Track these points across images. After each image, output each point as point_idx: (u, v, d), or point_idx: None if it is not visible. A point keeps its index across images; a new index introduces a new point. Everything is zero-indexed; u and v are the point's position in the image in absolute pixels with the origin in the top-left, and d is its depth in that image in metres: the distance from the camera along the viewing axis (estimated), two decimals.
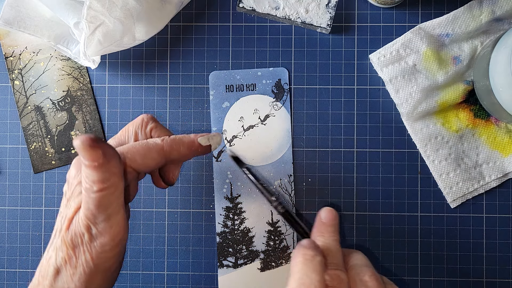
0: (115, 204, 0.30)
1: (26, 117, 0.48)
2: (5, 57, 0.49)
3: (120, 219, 0.31)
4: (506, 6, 0.45)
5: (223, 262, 0.47)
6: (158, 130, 0.36)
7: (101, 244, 0.30)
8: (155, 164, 0.33)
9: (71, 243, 0.30)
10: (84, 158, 0.29)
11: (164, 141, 0.33)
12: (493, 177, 0.46)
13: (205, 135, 0.35)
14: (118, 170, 0.30)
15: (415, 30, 0.46)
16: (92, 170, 0.29)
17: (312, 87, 0.48)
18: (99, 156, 0.28)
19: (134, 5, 0.42)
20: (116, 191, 0.30)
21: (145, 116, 0.36)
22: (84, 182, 0.29)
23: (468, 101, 0.47)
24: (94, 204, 0.29)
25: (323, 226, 0.35)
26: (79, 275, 0.30)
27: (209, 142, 0.35)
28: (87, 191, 0.29)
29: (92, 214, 0.30)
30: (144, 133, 0.35)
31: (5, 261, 0.48)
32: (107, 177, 0.29)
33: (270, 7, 0.47)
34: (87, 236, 0.30)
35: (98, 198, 0.29)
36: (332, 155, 0.47)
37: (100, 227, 0.30)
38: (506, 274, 0.46)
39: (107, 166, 0.29)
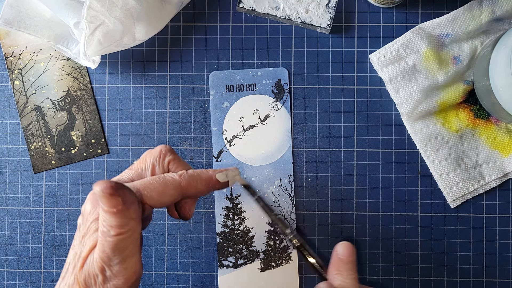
0: (131, 247, 0.30)
1: (26, 117, 0.48)
2: (5, 57, 0.49)
3: (135, 261, 0.31)
4: (506, 6, 0.45)
5: (223, 262, 0.47)
6: (176, 163, 0.35)
7: (115, 286, 0.30)
8: (171, 200, 0.33)
9: (84, 283, 0.30)
10: (103, 203, 0.29)
11: (181, 177, 0.33)
12: (493, 177, 0.46)
13: (223, 170, 0.35)
14: (136, 215, 0.30)
15: (415, 30, 0.46)
16: (111, 215, 0.29)
17: (312, 87, 0.48)
18: (118, 203, 0.28)
19: (134, 5, 0.42)
20: (133, 235, 0.30)
21: (163, 148, 0.35)
22: (101, 225, 0.29)
23: (468, 101, 0.47)
24: (110, 247, 0.29)
25: (340, 263, 0.34)
26: None
27: (227, 179, 0.35)
28: (104, 234, 0.29)
29: (107, 257, 0.29)
30: (161, 165, 0.35)
31: (5, 261, 0.48)
32: (125, 222, 0.29)
33: (270, 7, 0.47)
34: (101, 277, 0.30)
35: (115, 242, 0.29)
36: (332, 155, 0.47)
37: (114, 270, 0.30)
38: (506, 274, 0.46)
39: (126, 213, 0.29)
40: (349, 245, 0.34)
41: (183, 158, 0.48)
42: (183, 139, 0.48)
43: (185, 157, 0.48)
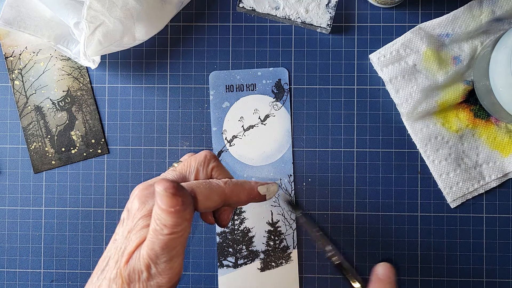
0: (179, 247, 0.30)
1: (26, 117, 0.48)
2: (5, 57, 0.49)
3: (180, 262, 0.31)
4: (506, 6, 0.45)
5: (223, 262, 0.47)
6: (219, 170, 0.36)
7: (158, 284, 0.30)
8: (214, 206, 0.33)
9: (127, 279, 0.30)
10: (162, 203, 0.29)
11: (226, 185, 0.34)
12: (493, 177, 0.46)
13: (265, 184, 0.36)
14: (190, 216, 0.30)
15: (415, 30, 0.46)
16: (167, 214, 0.29)
17: (312, 87, 0.48)
18: (178, 203, 0.29)
19: (134, 5, 0.42)
20: (184, 235, 0.30)
21: (208, 154, 0.36)
22: (154, 223, 0.30)
23: (468, 101, 0.47)
24: (160, 245, 0.29)
25: (380, 284, 0.34)
26: None
27: (267, 192, 0.36)
28: (156, 232, 0.30)
29: (155, 255, 0.30)
30: (205, 171, 0.35)
31: (5, 261, 0.48)
32: (180, 222, 0.30)
33: (270, 7, 0.47)
34: (146, 274, 0.30)
35: (166, 240, 0.29)
36: (332, 155, 0.47)
37: (160, 268, 0.30)
38: (506, 274, 0.46)
39: (182, 213, 0.29)
40: (390, 266, 0.35)
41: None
42: (183, 139, 0.48)
43: None
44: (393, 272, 0.35)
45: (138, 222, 0.31)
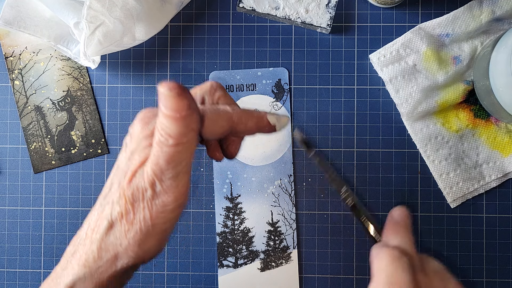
0: (185, 163, 0.28)
1: (26, 117, 0.48)
2: (5, 57, 0.49)
3: (186, 180, 0.29)
4: (506, 6, 0.45)
5: (223, 262, 0.47)
6: (226, 99, 0.34)
7: (163, 203, 0.28)
8: (221, 132, 0.31)
9: (131, 198, 0.29)
10: (167, 107, 0.27)
11: (234, 111, 0.32)
12: (493, 177, 0.46)
13: (275, 114, 0.34)
14: (196, 126, 0.28)
15: (415, 30, 0.46)
16: (172, 122, 0.27)
17: (312, 87, 0.48)
18: (184, 107, 0.27)
19: (134, 5, 0.42)
20: (190, 149, 0.28)
21: (214, 83, 0.34)
22: (159, 134, 0.28)
23: (468, 101, 0.47)
24: (165, 159, 0.28)
25: (397, 226, 0.34)
26: (135, 232, 0.29)
27: (276, 122, 0.34)
28: (160, 144, 0.28)
29: (160, 170, 0.28)
30: (211, 99, 0.33)
31: (5, 261, 0.48)
32: (185, 132, 0.27)
33: (270, 7, 0.47)
34: (150, 192, 0.28)
35: (171, 153, 0.28)
36: (332, 155, 0.47)
37: (165, 185, 0.28)
38: (506, 274, 0.46)
39: (188, 120, 0.27)
40: (405, 210, 0.34)
41: None
42: None
43: None
44: (408, 215, 0.34)
45: (141, 142, 0.30)
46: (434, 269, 0.32)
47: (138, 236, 0.29)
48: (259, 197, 0.47)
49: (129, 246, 0.29)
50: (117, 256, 0.29)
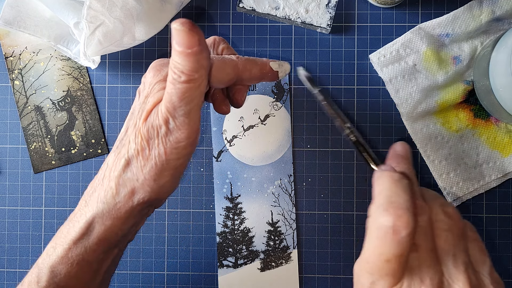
0: (196, 101, 0.30)
1: (26, 117, 0.48)
2: (5, 57, 0.49)
3: (198, 118, 0.30)
4: (506, 6, 0.45)
5: (223, 262, 0.47)
6: (229, 51, 0.36)
7: (176, 139, 0.30)
8: (228, 79, 0.33)
9: (146, 135, 0.30)
10: (179, 43, 0.28)
11: (239, 59, 0.33)
12: (493, 177, 0.46)
13: (276, 61, 0.36)
14: (207, 64, 0.30)
15: (415, 30, 0.46)
16: (184, 57, 0.28)
17: None
18: (195, 42, 0.28)
19: (134, 5, 0.42)
20: (201, 86, 0.30)
21: (216, 37, 0.36)
22: (172, 72, 0.29)
23: (468, 101, 0.47)
24: (178, 95, 0.29)
25: (398, 158, 0.35)
26: (150, 167, 0.30)
27: (279, 68, 0.36)
28: (173, 81, 0.29)
29: (173, 107, 0.29)
30: (216, 52, 0.36)
31: (5, 261, 0.48)
32: (197, 68, 0.29)
33: (270, 7, 0.47)
34: (164, 129, 0.30)
35: (184, 89, 0.29)
36: (332, 155, 0.47)
37: (178, 122, 0.30)
38: (506, 274, 0.46)
39: (199, 57, 0.28)
40: (406, 144, 0.35)
41: None
42: None
43: None
44: (410, 149, 0.35)
45: (154, 87, 0.31)
46: (433, 196, 0.33)
47: (153, 170, 0.30)
48: (259, 197, 0.47)
49: (145, 180, 0.30)
50: (134, 191, 0.31)
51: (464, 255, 0.30)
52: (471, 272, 0.30)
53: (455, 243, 0.30)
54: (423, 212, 0.30)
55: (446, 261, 0.30)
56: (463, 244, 0.31)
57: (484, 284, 0.30)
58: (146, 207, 0.32)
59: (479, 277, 0.31)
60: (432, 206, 0.31)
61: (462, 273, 0.29)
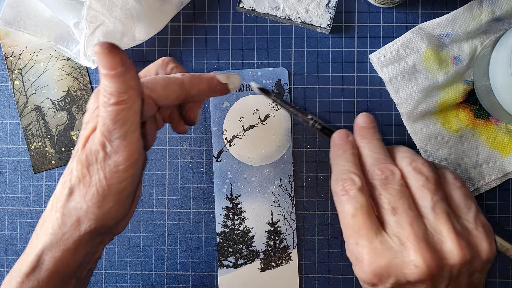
0: (131, 121, 0.30)
1: (26, 117, 0.48)
2: (5, 57, 0.49)
3: (135, 139, 0.30)
4: (506, 6, 0.45)
5: (223, 262, 0.47)
6: (179, 70, 0.36)
7: (115, 163, 0.30)
8: (175, 97, 0.33)
9: (85, 162, 0.30)
10: (102, 65, 0.28)
11: (184, 76, 0.34)
12: (493, 177, 0.46)
13: (224, 73, 0.36)
14: (135, 84, 0.30)
15: (415, 30, 0.46)
16: (110, 79, 0.28)
17: (312, 87, 0.48)
18: (117, 63, 0.28)
19: (134, 5, 0.42)
20: (133, 107, 0.30)
21: (165, 58, 0.36)
22: (102, 96, 0.29)
23: (468, 101, 0.47)
24: (110, 118, 0.29)
25: (363, 130, 0.36)
26: (92, 194, 0.30)
27: (227, 81, 0.35)
28: (104, 105, 0.29)
29: (108, 130, 0.29)
30: (165, 71, 0.36)
31: (5, 261, 0.48)
32: (124, 89, 0.29)
33: (270, 7, 0.47)
34: (102, 153, 0.30)
35: (115, 112, 0.29)
36: None
37: (115, 145, 0.29)
38: (506, 274, 0.46)
39: (125, 77, 0.29)
40: (369, 114, 0.36)
41: (183, 158, 0.48)
42: (183, 139, 0.48)
43: (185, 157, 0.48)
44: (373, 118, 0.36)
45: (93, 113, 0.31)
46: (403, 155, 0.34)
47: (95, 197, 0.30)
48: (259, 197, 0.47)
49: (88, 208, 0.30)
50: (79, 220, 0.30)
51: (444, 204, 0.32)
52: (454, 220, 0.32)
53: (432, 196, 0.31)
54: (393, 174, 0.32)
55: (427, 215, 0.31)
56: (441, 195, 0.32)
57: (468, 229, 0.32)
58: (97, 235, 0.31)
59: (462, 224, 0.32)
60: (402, 166, 0.33)
61: (444, 223, 0.31)
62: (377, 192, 0.32)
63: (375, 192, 0.33)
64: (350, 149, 0.35)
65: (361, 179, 0.32)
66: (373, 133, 0.36)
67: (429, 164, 0.33)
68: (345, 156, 0.35)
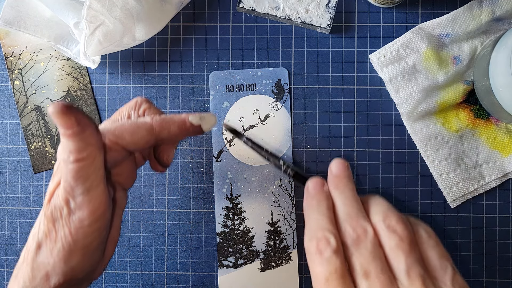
0: (94, 177, 0.29)
1: (26, 117, 0.48)
2: (5, 57, 0.49)
3: (99, 194, 0.30)
4: (506, 6, 0.45)
5: (223, 262, 0.47)
6: (152, 111, 0.35)
7: (79, 218, 0.29)
8: (144, 142, 0.32)
9: (51, 217, 0.30)
10: (58, 125, 0.28)
11: (153, 120, 0.33)
12: (493, 177, 0.46)
13: (197, 114, 0.34)
14: (95, 140, 0.29)
15: (415, 30, 0.46)
16: (68, 138, 0.28)
17: (312, 87, 0.48)
18: (72, 123, 0.28)
19: (134, 5, 0.42)
20: (94, 163, 0.29)
21: (139, 98, 0.36)
22: (62, 153, 0.29)
23: (468, 101, 0.47)
24: (71, 175, 0.29)
25: (336, 179, 0.33)
26: (58, 250, 0.30)
27: (200, 122, 0.34)
28: (65, 162, 0.29)
29: (70, 187, 0.29)
30: (137, 114, 0.35)
31: (5, 261, 0.48)
32: (83, 146, 0.29)
33: (270, 7, 0.47)
34: (66, 210, 0.29)
35: (75, 169, 0.29)
36: (332, 155, 0.47)
37: (78, 201, 0.29)
38: (506, 274, 0.46)
39: (83, 136, 0.28)
40: (343, 161, 0.34)
41: (183, 158, 0.48)
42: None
43: (185, 157, 0.48)
44: (347, 166, 0.34)
45: (59, 166, 0.31)
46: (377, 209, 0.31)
47: (61, 253, 0.30)
48: (259, 197, 0.47)
49: (55, 263, 0.30)
50: (48, 274, 0.30)
51: (419, 267, 0.29)
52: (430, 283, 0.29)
53: (406, 258, 0.29)
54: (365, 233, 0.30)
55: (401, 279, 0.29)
56: (415, 256, 0.29)
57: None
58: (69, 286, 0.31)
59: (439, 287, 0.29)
60: (375, 222, 0.30)
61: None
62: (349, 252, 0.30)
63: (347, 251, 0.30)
64: (324, 200, 0.33)
65: (336, 239, 0.30)
66: (346, 182, 0.33)
67: (404, 221, 0.30)
68: (319, 209, 0.32)
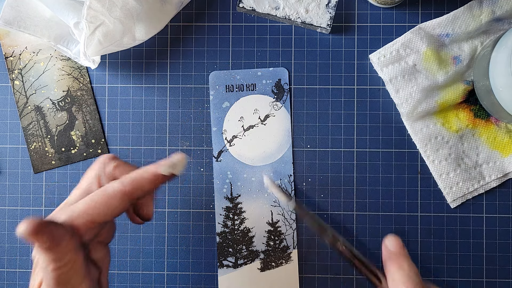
0: (75, 278, 0.29)
1: (26, 117, 0.48)
2: (5, 57, 0.49)
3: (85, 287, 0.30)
4: (506, 6, 0.45)
5: (223, 262, 0.47)
6: (121, 168, 0.33)
7: None
8: (120, 210, 0.31)
9: None
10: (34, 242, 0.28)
11: (124, 184, 0.31)
12: (493, 177, 0.46)
13: (166, 163, 0.33)
14: (72, 247, 0.29)
15: (415, 30, 0.46)
16: (43, 251, 0.28)
17: (312, 87, 0.48)
18: (45, 240, 0.27)
19: (134, 5, 0.42)
20: (74, 266, 0.29)
21: (105, 158, 0.34)
22: (40, 261, 0.29)
23: (468, 101, 0.47)
24: (52, 282, 0.29)
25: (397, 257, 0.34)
26: None
27: (171, 169, 0.32)
28: (44, 270, 0.29)
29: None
30: (106, 174, 0.33)
31: (5, 261, 0.48)
32: (60, 257, 0.28)
33: (270, 7, 0.47)
34: None
35: (56, 276, 0.29)
36: (332, 155, 0.47)
37: None
38: (506, 274, 0.46)
39: (57, 249, 0.28)
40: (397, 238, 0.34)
41: None
42: (183, 139, 0.48)
43: None
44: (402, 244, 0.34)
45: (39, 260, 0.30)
46: None
47: None
48: (259, 197, 0.47)
49: None
50: None
51: None
52: None
53: None
54: None
55: None
56: None
57: None
58: None
59: None
60: None
61: None
62: None
63: None
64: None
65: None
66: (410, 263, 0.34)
67: None
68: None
